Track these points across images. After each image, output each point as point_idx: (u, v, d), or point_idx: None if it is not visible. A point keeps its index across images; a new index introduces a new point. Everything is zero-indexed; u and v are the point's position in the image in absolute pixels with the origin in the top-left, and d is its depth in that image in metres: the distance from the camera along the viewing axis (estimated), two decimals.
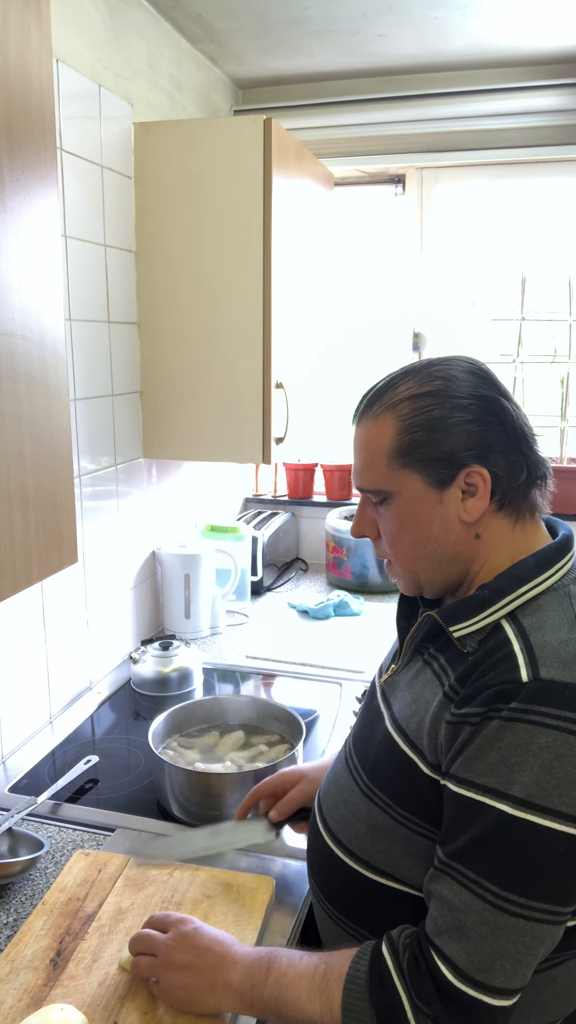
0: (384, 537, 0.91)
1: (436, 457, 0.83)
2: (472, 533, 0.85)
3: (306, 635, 2.09)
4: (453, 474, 0.83)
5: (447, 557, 0.87)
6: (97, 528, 1.75)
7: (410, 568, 0.90)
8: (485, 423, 0.83)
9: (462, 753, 0.75)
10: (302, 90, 2.31)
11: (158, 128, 1.76)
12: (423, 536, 0.86)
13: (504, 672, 0.75)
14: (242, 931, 1.02)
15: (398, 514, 0.86)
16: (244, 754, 1.38)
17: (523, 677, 0.74)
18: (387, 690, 0.94)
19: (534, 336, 2.47)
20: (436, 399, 0.83)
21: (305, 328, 2.07)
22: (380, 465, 0.85)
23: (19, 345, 0.89)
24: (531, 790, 0.70)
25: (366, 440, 0.87)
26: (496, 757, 0.72)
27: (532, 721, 0.71)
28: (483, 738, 0.74)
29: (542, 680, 0.73)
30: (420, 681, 0.87)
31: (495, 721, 0.73)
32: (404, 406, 0.84)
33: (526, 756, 0.71)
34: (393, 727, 0.87)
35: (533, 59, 2.11)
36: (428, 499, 0.84)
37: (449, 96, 2.19)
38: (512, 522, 0.86)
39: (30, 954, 0.99)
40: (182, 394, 1.86)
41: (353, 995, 0.76)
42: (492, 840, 0.72)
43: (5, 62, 0.83)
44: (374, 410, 0.87)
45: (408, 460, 0.84)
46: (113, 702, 1.73)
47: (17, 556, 0.91)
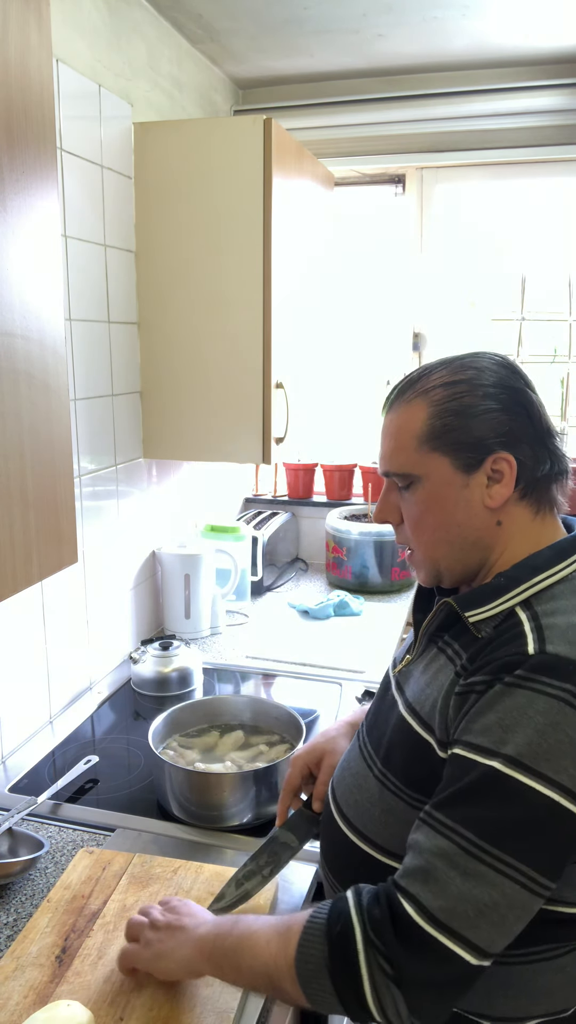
0: (407, 522, 0.92)
1: (465, 441, 0.85)
2: (494, 520, 0.87)
3: (306, 635, 2.09)
4: (480, 459, 0.85)
5: (468, 543, 0.88)
6: (97, 528, 1.75)
7: (431, 554, 0.91)
8: (513, 413, 0.85)
9: (465, 718, 0.78)
10: (302, 90, 2.31)
11: (158, 128, 1.76)
12: (447, 520, 0.88)
13: (512, 648, 0.78)
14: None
15: (424, 498, 0.88)
16: (244, 754, 1.38)
17: (530, 651, 0.76)
18: (401, 679, 0.95)
19: (534, 336, 2.47)
20: (468, 387, 0.86)
21: (305, 328, 2.07)
22: (410, 449, 0.88)
23: (19, 345, 0.89)
24: (522, 750, 0.72)
25: (397, 425, 0.89)
26: (493, 719, 0.75)
27: (532, 688, 0.74)
28: (484, 702, 0.76)
29: (547, 654, 0.75)
30: (434, 667, 0.88)
31: (497, 686, 0.76)
32: (436, 392, 0.86)
33: (521, 719, 0.73)
34: (407, 711, 0.89)
35: (533, 59, 2.11)
36: (454, 483, 0.86)
37: (449, 96, 2.19)
38: (533, 513, 0.88)
39: (35, 951, 0.99)
40: (182, 394, 1.86)
41: (310, 932, 0.77)
42: (475, 792, 0.73)
43: (5, 62, 0.83)
44: (407, 396, 0.89)
45: (438, 444, 0.86)
46: (113, 702, 1.73)
47: (17, 556, 0.91)
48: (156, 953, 0.89)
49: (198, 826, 1.26)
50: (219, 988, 0.94)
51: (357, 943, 0.73)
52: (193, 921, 0.90)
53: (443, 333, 2.54)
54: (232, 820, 1.26)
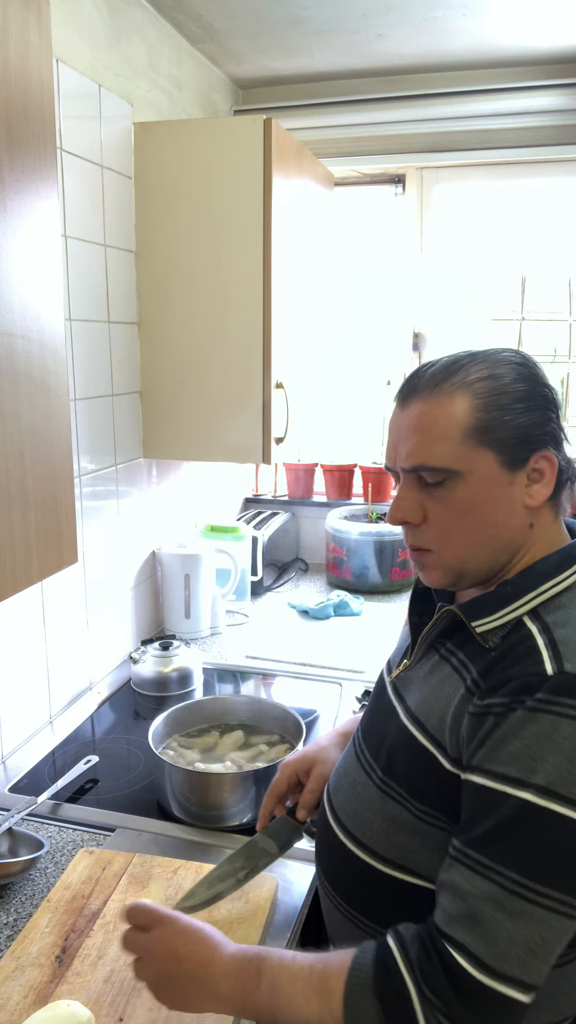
0: (436, 522, 0.85)
1: (514, 436, 0.82)
2: (528, 521, 0.85)
3: (306, 635, 2.09)
4: (526, 457, 0.82)
5: (502, 544, 0.85)
6: (97, 528, 1.75)
7: (461, 556, 0.86)
8: (549, 410, 0.84)
9: (484, 743, 0.75)
10: (302, 90, 2.31)
11: (158, 128, 1.76)
12: (487, 519, 0.84)
13: (528, 665, 0.75)
14: (246, 928, 1.02)
15: (465, 495, 0.83)
16: (244, 754, 1.38)
17: (548, 670, 0.74)
18: (399, 685, 0.93)
19: (534, 336, 2.47)
20: (511, 382, 0.83)
21: (305, 328, 2.07)
22: (453, 442, 0.82)
23: (19, 345, 0.89)
24: (553, 779, 0.70)
25: (434, 416, 0.83)
26: (518, 746, 0.72)
27: (556, 712, 0.71)
28: (506, 728, 0.73)
29: (567, 673, 0.73)
30: (438, 676, 0.86)
31: (519, 711, 0.73)
32: (481, 385, 0.83)
33: (548, 745, 0.71)
34: (410, 721, 0.86)
35: (533, 59, 2.11)
36: (498, 480, 0.82)
37: (449, 96, 2.19)
38: (554, 516, 0.87)
39: (36, 951, 0.99)
40: (182, 394, 1.86)
41: (356, 989, 0.73)
42: (510, 828, 0.71)
43: (5, 62, 0.83)
44: (445, 388, 0.83)
45: (486, 438, 0.81)
46: (113, 702, 1.73)
47: (17, 556, 0.91)
48: (177, 1002, 0.83)
49: (198, 826, 1.26)
50: None
51: (414, 1002, 0.71)
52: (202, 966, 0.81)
53: (443, 333, 2.54)
54: (232, 820, 1.26)
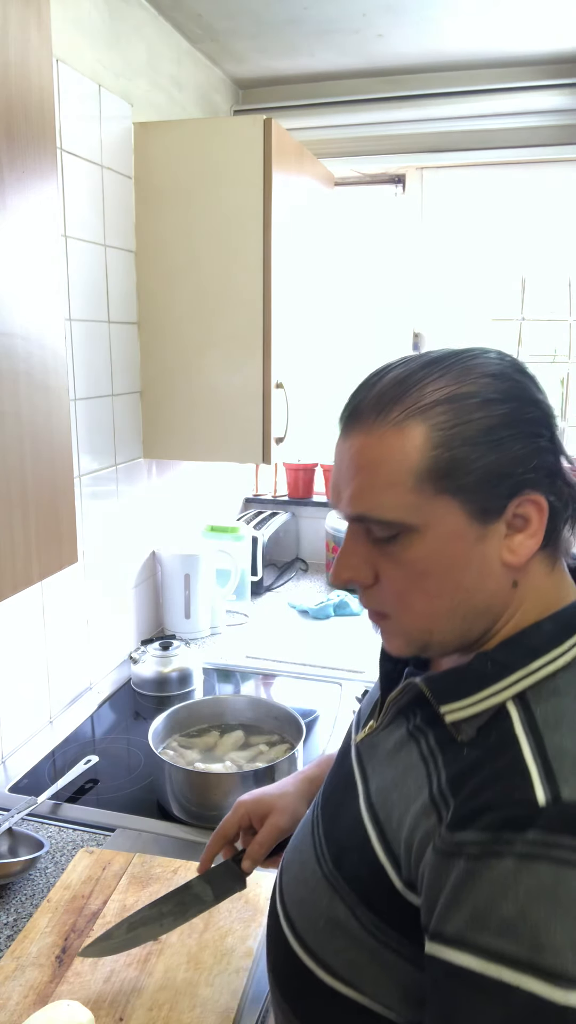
0: (390, 585, 0.68)
1: (486, 479, 0.62)
2: (511, 580, 0.66)
3: (306, 635, 2.09)
4: (503, 504, 0.63)
5: (476, 611, 0.67)
6: (97, 528, 1.75)
7: (421, 625, 0.68)
8: (537, 436, 0.64)
9: (460, 904, 0.55)
10: (302, 90, 2.31)
11: (158, 128, 1.76)
12: (453, 584, 0.65)
13: (513, 788, 0.57)
14: (246, 928, 1.02)
15: (423, 555, 0.65)
16: (244, 754, 1.38)
17: (539, 798, 0.55)
18: (364, 753, 0.76)
19: (534, 336, 2.47)
20: (482, 404, 0.63)
21: (305, 328, 2.07)
22: (404, 488, 0.64)
23: (19, 345, 0.89)
24: (568, 959, 0.50)
25: (378, 455, 0.64)
26: (513, 910, 0.52)
27: (559, 859, 0.52)
28: (491, 883, 0.54)
29: (564, 803, 0.55)
30: (404, 760, 0.69)
31: (507, 860, 0.54)
32: (440, 411, 0.63)
33: (555, 909, 0.51)
34: (367, 813, 0.70)
35: (533, 59, 2.10)
36: (466, 536, 0.64)
37: (449, 96, 2.19)
38: (550, 568, 0.68)
39: (35, 951, 0.99)
40: (182, 394, 1.86)
41: None
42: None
43: (5, 62, 0.83)
44: (393, 415, 0.64)
45: (447, 484, 0.63)
46: (113, 702, 1.73)
47: (17, 556, 0.91)
48: None
49: (198, 826, 1.26)
50: (219, 988, 0.94)
51: None
52: None
53: (443, 333, 2.54)
54: None
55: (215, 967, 0.97)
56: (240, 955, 0.99)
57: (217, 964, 0.97)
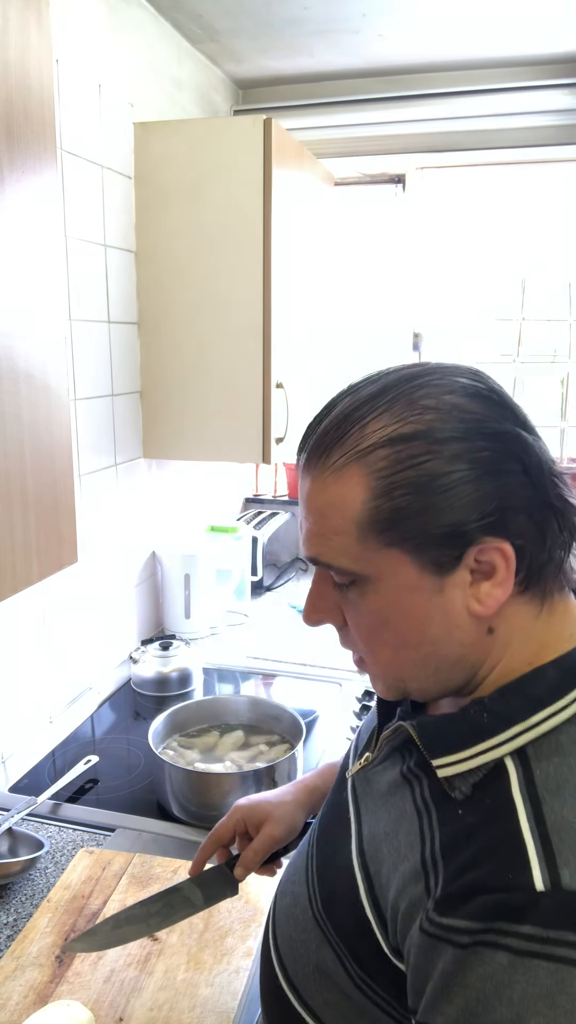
0: (356, 632, 0.65)
1: (433, 531, 0.57)
2: (484, 628, 0.60)
3: (306, 635, 2.09)
4: (458, 554, 0.57)
5: (448, 663, 0.62)
6: (97, 528, 1.75)
7: (393, 673, 0.65)
8: (500, 473, 0.57)
9: (448, 996, 0.50)
10: (302, 90, 2.31)
11: (158, 128, 1.76)
12: (415, 637, 0.61)
13: (507, 869, 0.51)
14: (246, 928, 1.02)
15: (378, 606, 0.61)
16: (244, 754, 1.38)
17: (536, 883, 0.49)
18: (359, 787, 0.72)
19: (534, 336, 2.47)
20: (426, 444, 0.56)
21: (305, 328, 2.07)
22: (347, 537, 0.59)
23: (19, 345, 0.89)
24: None
25: (323, 502, 0.60)
26: (508, 1015, 0.48)
27: (559, 958, 0.47)
28: (482, 979, 0.49)
29: (564, 891, 0.48)
30: (397, 804, 0.64)
31: (501, 955, 0.48)
32: (379, 456, 0.57)
33: (555, 1016, 0.46)
34: (358, 860, 0.65)
35: (533, 59, 2.10)
36: (422, 587, 0.59)
37: (449, 96, 2.19)
38: (538, 607, 0.61)
39: (35, 951, 0.99)
40: (182, 394, 1.86)
41: None
42: None
43: (5, 62, 0.83)
44: (333, 460, 0.59)
45: (391, 536, 0.58)
46: (113, 702, 1.73)
47: (17, 556, 0.91)
48: None
49: (198, 826, 1.26)
50: (219, 988, 0.94)
51: None
52: None
53: (443, 333, 2.54)
54: None
55: (215, 967, 0.97)
56: (240, 955, 0.99)
57: (217, 964, 0.97)
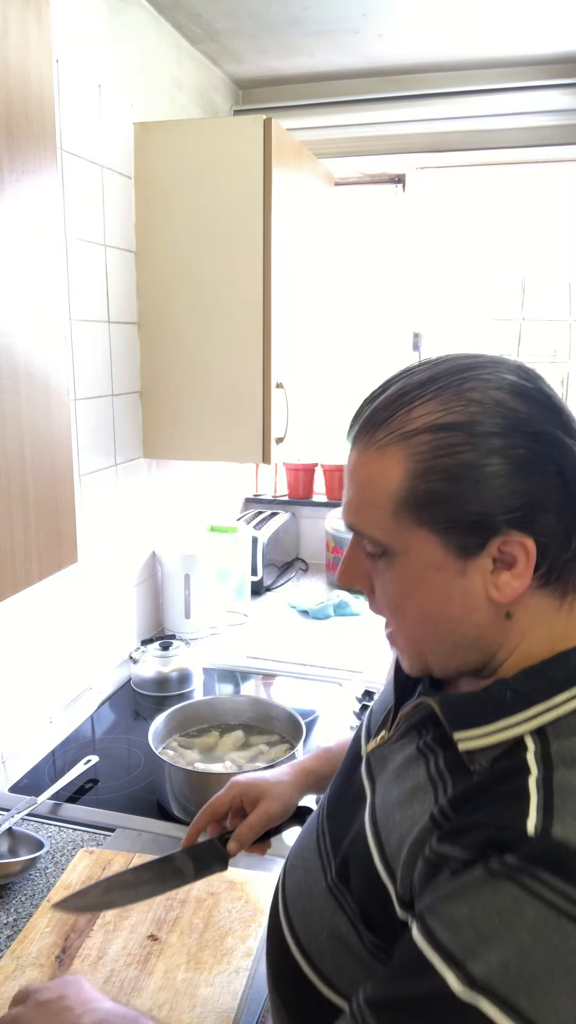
0: (382, 600, 0.70)
1: (461, 519, 0.61)
2: (503, 612, 0.64)
3: (306, 635, 2.09)
4: (483, 542, 0.61)
5: (466, 641, 0.66)
6: (97, 528, 1.75)
7: (415, 647, 0.70)
8: (535, 472, 0.60)
9: (432, 891, 0.58)
10: (302, 90, 2.31)
11: (158, 128, 1.76)
12: (435, 613, 0.65)
13: (508, 811, 0.56)
14: (246, 928, 1.02)
15: (403, 579, 0.65)
16: (244, 754, 1.38)
17: (529, 827, 0.54)
18: (374, 763, 0.75)
19: (534, 336, 2.47)
20: (467, 435, 0.60)
21: (305, 328, 2.07)
22: (383, 512, 0.64)
23: (19, 345, 0.89)
24: (493, 973, 0.51)
25: (366, 476, 0.65)
26: (466, 913, 0.54)
27: (524, 886, 0.53)
28: (459, 884, 0.56)
29: (553, 840, 0.54)
30: (411, 777, 0.68)
31: (478, 869, 0.55)
32: (421, 440, 0.61)
33: (502, 928, 0.52)
34: (371, 830, 0.69)
35: (533, 59, 2.10)
36: (446, 568, 0.63)
37: (449, 96, 2.19)
38: (559, 600, 0.65)
39: (35, 951, 0.99)
40: (182, 394, 1.86)
41: None
42: (419, 1010, 0.55)
43: (5, 62, 0.83)
44: (379, 437, 0.64)
45: (422, 516, 0.62)
46: (113, 702, 1.73)
47: (17, 556, 0.91)
48: None
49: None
50: (219, 988, 0.94)
51: None
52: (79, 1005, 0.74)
53: (443, 333, 2.54)
54: None
55: (215, 967, 0.97)
56: (240, 955, 0.99)
57: (217, 964, 0.97)
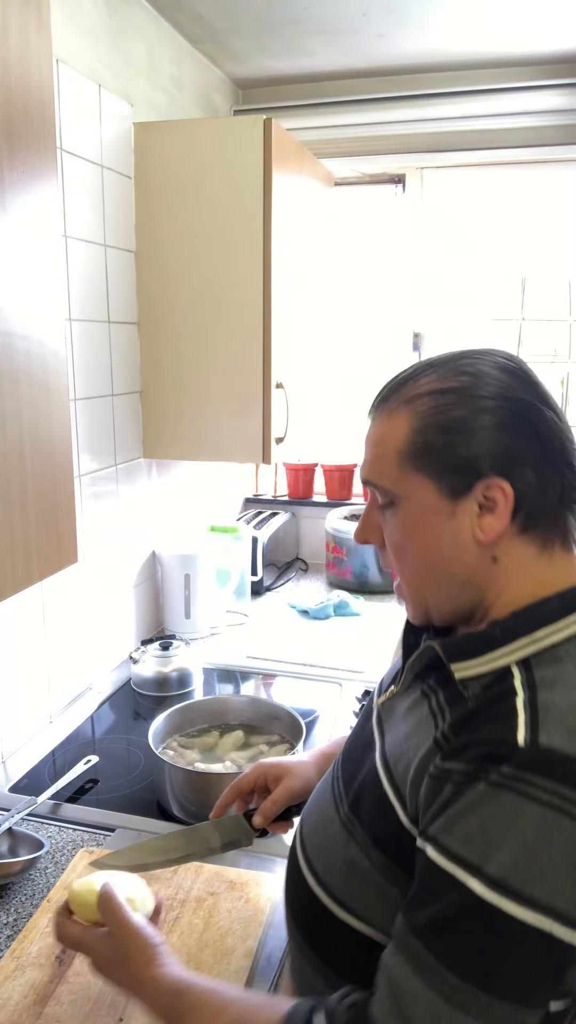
0: (389, 547, 0.82)
1: (452, 463, 0.73)
2: (488, 555, 0.75)
3: (306, 635, 2.09)
4: (469, 484, 0.73)
5: (458, 580, 0.77)
6: (97, 528, 1.75)
7: (417, 589, 0.81)
8: (514, 430, 0.72)
9: (441, 814, 0.66)
10: (302, 90, 2.31)
11: (158, 128, 1.76)
12: (431, 552, 0.77)
13: (500, 729, 0.66)
14: (246, 928, 1.02)
15: (405, 522, 0.78)
16: (244, 754, 1.38)
17: (519, 739, 0.64)
18: (383, 714, 0.86)
19: (534, 336, 2.47)
20: (459, 397, 0.73)
21: (305, 328, 2.07)
22: (391, 464, 0.77)
23: (19, 345, 0.89)
24: (507, 871, 0.61)
25: (378, 436, 0.79)
26: (475, 825, 0.63)
27: (521, 792, 0.62)
28: (465, 801, 0.65)
29: (540, 747, 0.63)
30: (415, 716, 0.78)
31: (480, 784, 0.64)
32: (422, 402, 0.75)
33: (508, 831, 0.62)
34: (381, 762, 0.79)
35: (533, 59, 2.11)
36: (439, 510, 0.75)
37: (449, 96, 2.19)
38: (538, 549, 0.75)
39: (35, 951, 0.99)
40: (182, 394, 1.86)
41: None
42: (455, 920, 0.63)
43: (5, 62, 0.83)
44: (390, 403, 0.78)
45: (420, 463, 0.75)
46: (113, 702, 1.73)
47: (17, 556, 0.91)
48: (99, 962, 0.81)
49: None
50: None
51: None
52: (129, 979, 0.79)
53: (443, 333, 2.55)
54: None
55: (215, 967, 0.97)
56: (240, 955, 0.99)
57: (217, 964, 0.97)
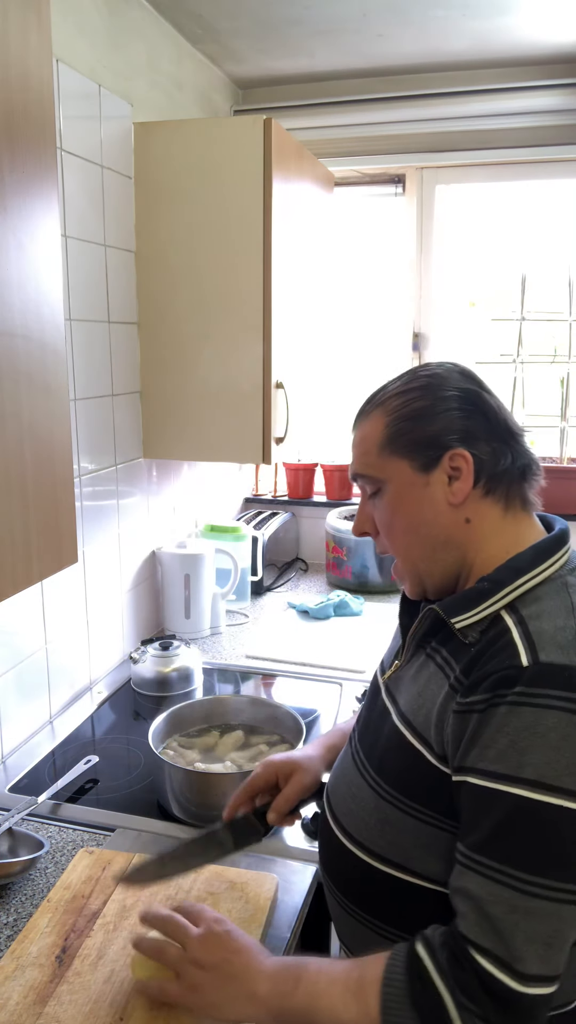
0: (381, 530, 0.96)
1: (420, 442, 0.89)
2: (462, 517, 0.90)
3: (306, 635, 2.09)
4: (437, 456, 0.88)
5: (439, 542, 0.91)
6: (97, 528, 1.75)
7: (408, 556, 0.94)
8: (467, 412, 0.89)
9: (473, 743, 0.77)
10: (302, 90, 2.31)
11: (158, 128, 1.76)
12: (414, 520, 0.91)
13: (505, 659, 0.77)
14: (246, 928, 1.02)
15: (391, 501, 0.92)
16: (244, 754, 1.38)
17: (523, 662, 0.76)
18: (391, 686, 0.95)
19: (534, 336, 2.47)
20: (422, 392, 0.91)
21: (305, 328, 2.07)
22: (373, 456, 0.92)
23: (19, 345, 0.89)
24: (543, 771, 0.72)
25: (360, 437, 0.95)
26: (505, 742, 0.74)
27: (536, 704, 0.74)
28: (491, 726, 0.75)
29: (542, 663, 0.75)
30: (424, 675, 0.88)
31: (501, 707, 0.75)
32: (391, 402, 0.92)
33: (534, 739, 0.73)
34: (400, 721, 0.89)
35: (533, 59, 2.11)
36: (416, 483, 0.90)
37: (449, 96, 2.19)
38: (503, 509, 0.90)
39: (36, 951, 0.99)
40: (182, 394, 1.86)
41: (392, 997, 0.75)
42: (510, 827, 0.73)
43: (5, 62, 0.83)
44: (367, 412, 0.95)
45: (396, 447, 0.90)
46: (113, 702, 1.73)
47: (17, 556, 0.91)
48: (207, 1003, 0.84)
49: (198, 826, 1.26)
50: None
51: (450, 1010, 0.72)
52: (244, 967, 0.84)
53: (443, 333, 2.54)
54: None
55: None
56: None
57: None
